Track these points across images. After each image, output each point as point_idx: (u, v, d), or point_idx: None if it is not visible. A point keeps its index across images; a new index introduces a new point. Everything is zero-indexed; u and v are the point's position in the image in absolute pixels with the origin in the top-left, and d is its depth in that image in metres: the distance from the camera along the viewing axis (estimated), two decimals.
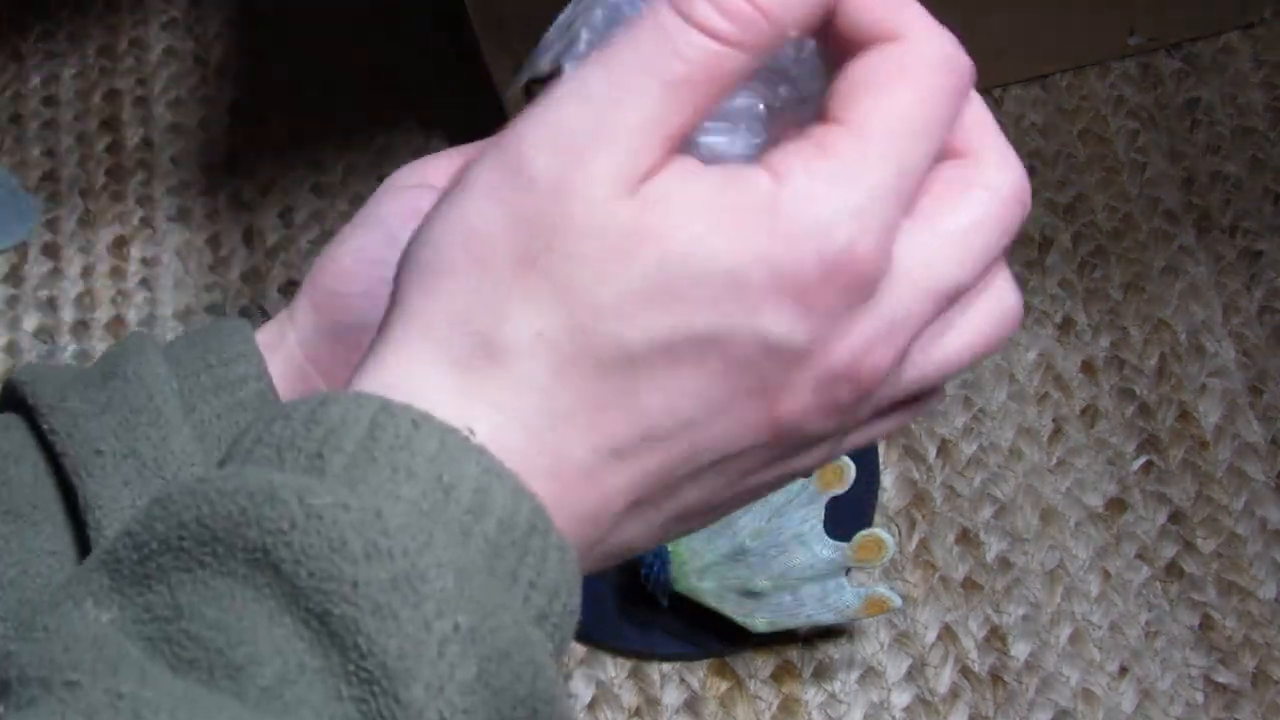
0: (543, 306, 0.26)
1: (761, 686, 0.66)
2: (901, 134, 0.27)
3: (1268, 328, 0.71)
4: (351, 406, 0.26)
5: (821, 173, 0.27)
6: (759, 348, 0.26)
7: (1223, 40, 0.79)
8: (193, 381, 0.35)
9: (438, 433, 0.26)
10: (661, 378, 0.27)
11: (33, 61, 0.91)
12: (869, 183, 0.27)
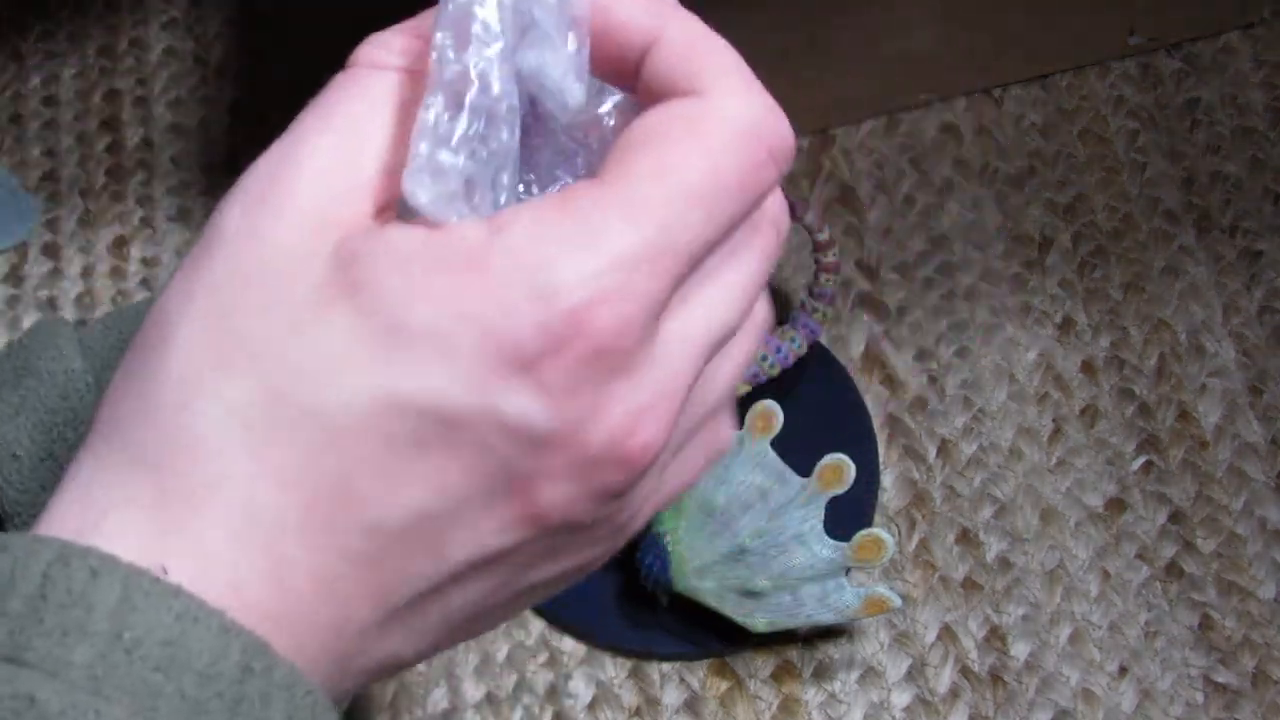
0: (233, 373, 0.23)
1: (761, 686, 0.66)
2: (670, 198, 0.23)
3: (1268, 328, 0.71)
4: (23, 556, 0.22)
5: (551, 230, 0.23)
6: (492, 428, 0.23)
7: (1223, 40, 0.79)
8: (109, 374, 0.32)
9: (120, 579, 0.22)
10: (377, 456, 0.23)
11: (33, 61, 0.91)
12: (613, 247, 0.22)
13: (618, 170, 0.23)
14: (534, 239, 0.23)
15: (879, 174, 0.78)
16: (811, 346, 0.69)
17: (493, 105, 0.24)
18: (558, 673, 0.67)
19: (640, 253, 0.23)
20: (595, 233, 0.23)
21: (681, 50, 0.24)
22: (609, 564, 0.73)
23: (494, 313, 0.22)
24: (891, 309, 0.74)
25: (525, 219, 0.23)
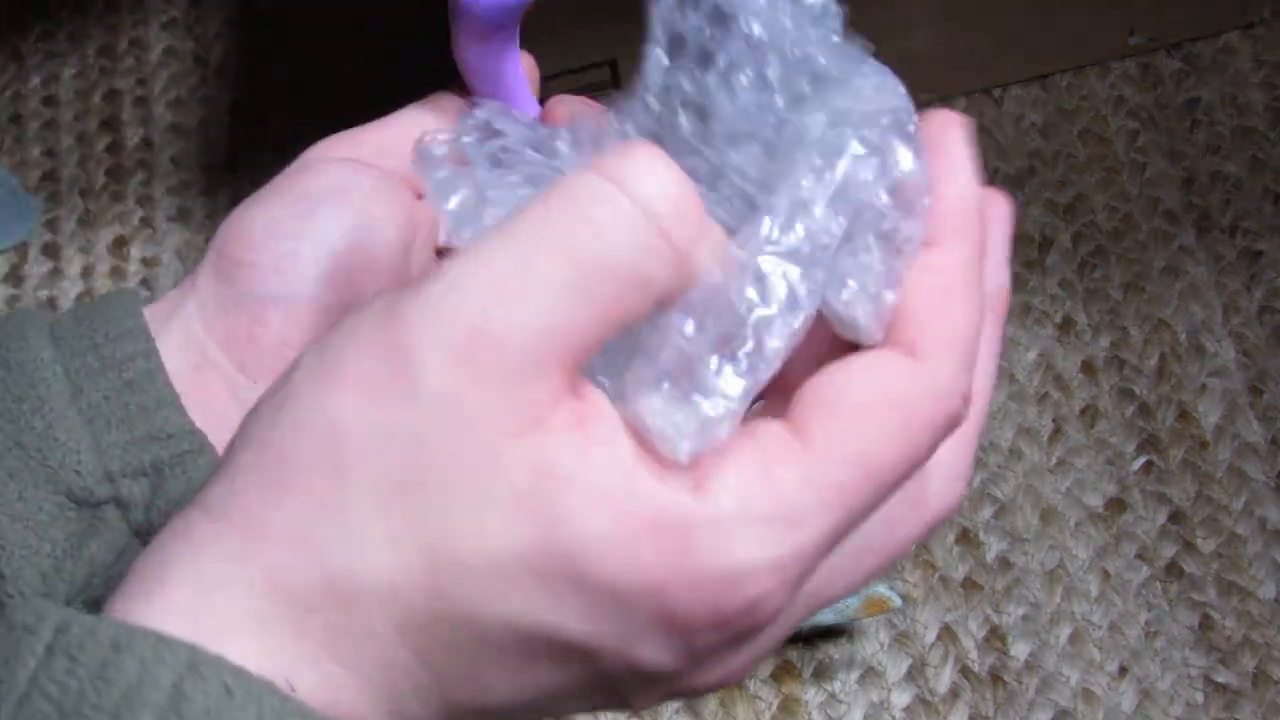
0: (403, 551, 0.22)
1: (761, 686, 0.66)
2: (863, 479, 0.23)
3: (1268, 328, 0.71)
4: (151, 661, 0.21)
5: (755, 507, 0.22)
6: (626, 669, 0.23)
7: (1223, 40, 0.79)
8: (79, 362, 0.33)
9: (254, 700, 0.21)
10: (513, 664, 0.23)
11: (33, 61, 0.91)
12: (803, 536, 0.23)
13: (819, 434, 0.23)
14: (737, 516, 0.22)
15: None
16: None
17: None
18: None
19: (828, 537, 0.23)
20: (792, 520, 0.23)
21: (918, 298, 0.24)
22: None
23: (680, 588, 0.22)
24: None
25: (730, 489, 0.22)
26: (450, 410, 0.22)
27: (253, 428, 0.24)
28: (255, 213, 0.35)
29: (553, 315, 0.22)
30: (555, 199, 0.22)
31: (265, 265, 0.34)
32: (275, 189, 0.36)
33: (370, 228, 0.35)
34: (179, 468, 0.33)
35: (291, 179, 0.36)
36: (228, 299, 0.34)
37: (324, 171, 0.36)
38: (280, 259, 0.34)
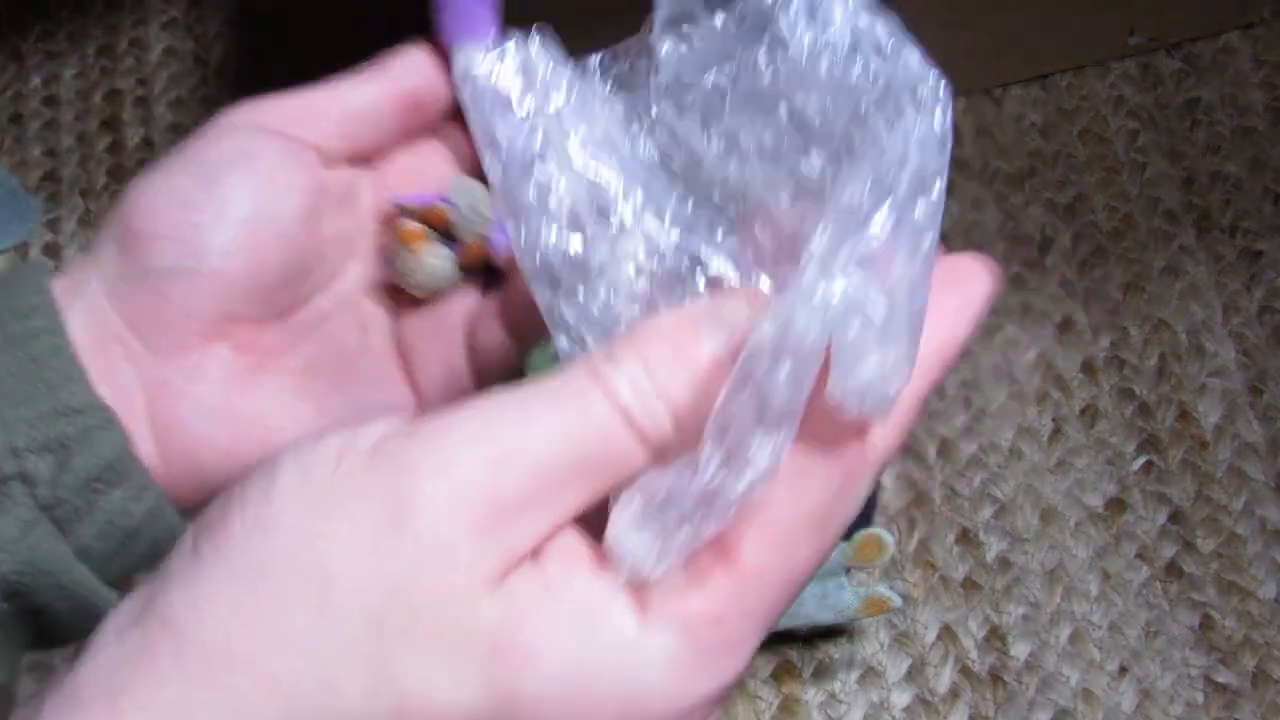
0: (378, 699, 0.24)
1: (761, 686, 0.66)
2: (788, 587, 0.25)
3: (1268, 328, 0.71)
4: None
5: (692, 644, 0.25)
6: None
7: (1223, 40, 0.79)
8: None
9: None
10: None
11: (33, 61, 0.91)
12: (740, 662, 0.25)
13: (753, 559, 0.25)
14: (679, 657, 0.24)
15: None
16: None
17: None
18: None
19: (752, 647, 0.25)
20: (728, 650, 0.25)
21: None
22: None
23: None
24: None
25: (674, 625, 0.24)
26: (443, 560, 0.23)
27: (225, 536, 0.24)
28: (156, 182, 0.34)
29: (543, 489, 0.24)
30: (557, 390, 0.25)
31: (167, 236, 0.34)
32: (179, 156, 0.35)
33: (274, 196, 0.35)
34: (85, 443, 0.33)
35: (195, 146, 0.35)
36: (131, 272, 0.34)
37: (227, 138, 0.35)
38: (182, 230, 0.34)
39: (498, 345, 0.36)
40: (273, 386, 0.35)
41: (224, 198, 0.34)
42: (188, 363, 0.34)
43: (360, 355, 0.37)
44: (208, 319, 0.34)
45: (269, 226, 0.35)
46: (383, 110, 0.38)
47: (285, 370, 0.36)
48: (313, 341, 0.37)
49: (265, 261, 0.34)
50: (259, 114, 0.37)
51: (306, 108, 0.37)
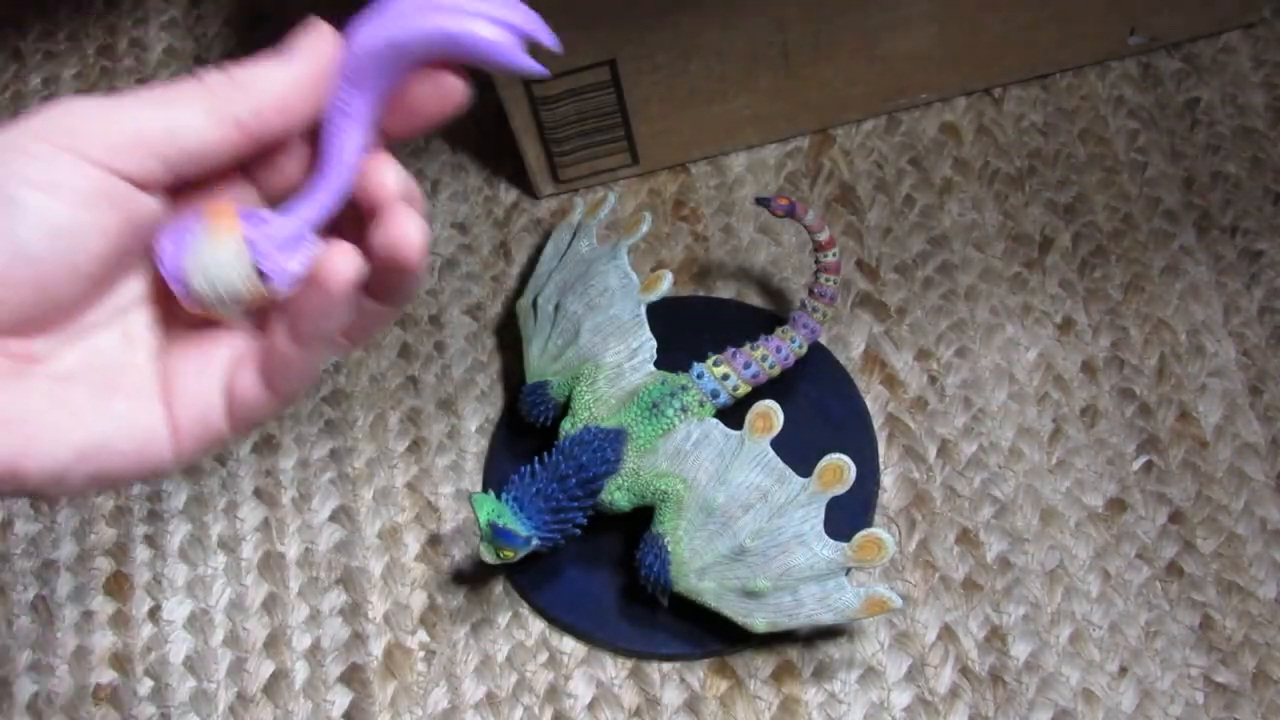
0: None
1: (761, 686, 0.66)
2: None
3: (1268, 328, 0.71)
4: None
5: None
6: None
7: (1223, 40, 0.79)
8: None
9: None
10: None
11: (33, 61, 0.91)
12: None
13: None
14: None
15: (879, 174, 0.78)
16: (811, 346, 0.69)
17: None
18: (558, 673, 0.67)
19: None
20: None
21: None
22: (609, 564, 0.73)
23: None
24: (891, 309, 0.74)
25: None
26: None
27: None
28: None
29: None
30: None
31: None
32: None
33: (76, 235, 0.33)
34: None
35: (9, 155, 0.33)
36: None
37: (34, 157, 0.33)
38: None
39: (254, 397, 0.37)
40: (34, 391, 0.35)
41: (17, 230, 0.33)
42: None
43: (122, 372, 0.37)
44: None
45: (63, 265, 0.34)
46: (211, 143, 0.35)
47: (46, 376, 0.35)
48: (77, 351, 0.36)
49: (47, 295, 0.34)
50: (76, 133, 0.34)
51: (133, 133, 0.34)
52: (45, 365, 0.35)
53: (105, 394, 0.36)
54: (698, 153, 0.79)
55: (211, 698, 0.69)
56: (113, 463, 0.36)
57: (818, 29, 0.72)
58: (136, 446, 0.36)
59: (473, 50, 0.35)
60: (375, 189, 0.37)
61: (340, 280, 0.35)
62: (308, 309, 0.35)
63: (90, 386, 0.36)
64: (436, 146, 0.83)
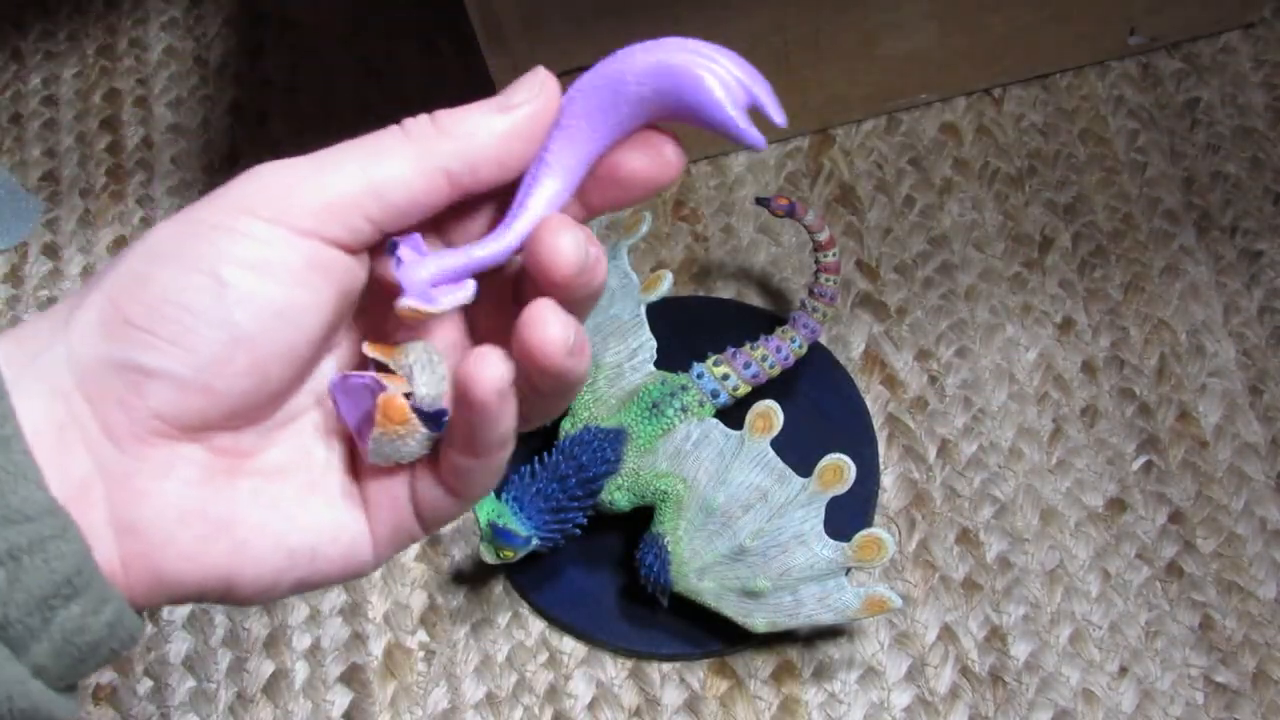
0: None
1: (761, 686, 0.66)
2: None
3: (1268, 328, 0.71)
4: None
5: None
6: None
7: (1223, 40, 0.79)
8: None
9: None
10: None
11: (33, 61, 0.91)
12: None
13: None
14: None
15: (879, 174, 0.78)
16: (811, 346, 0.69)
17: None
18: (558, 673, 0.67)
19: None
20: None
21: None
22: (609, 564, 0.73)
23: None
24: (891, 309, 0.74)
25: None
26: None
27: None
28: (160, 272, 0.31)
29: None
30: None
31: (164, 339, 0.30)
32: (188, 241, 0.31)
33: (290, 316, 0.31)
34: (39, 555, 0.29)
35: (209, 234, 0.31)
36: (109, 357, 0.31)
37: (248, 238, 0.31)
38: (178, 334, 0.30)
39: (442, 505, 0.35)
40: (244, 490, 0.33)
41: (231, 312, 0.31)
42: (156, 459, 0.31)
43: (324, 470, 0.35)
44: (185, 425, 0.31)
45: (281, 348, 0.32)
46: (419, 196, 0.32)
47: (257, 473, 0.33)
48: (283, 445, 0.34)
49: (269, 381, 0.32)
50: (281, 202, 0.31)
51: (344, 195, 0.31)
52: (253, 461, 0.33)
53: (310, 494, 0.34)
54: (698, 153, 0.79)
55: (211, 697, 0.69)
56: (319, 569, 0.34)
57: (818, 29, 0.72)
58: (342, 551, 0.34)
59: (695, 103, 0.32)
60: (544, 257, 0.31)
61: (487, 391, 0.31)
62: (468, 423, 0.32)
63: (296, 485, 0.34)
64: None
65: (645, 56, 0.32)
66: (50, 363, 0.31)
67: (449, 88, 0.85)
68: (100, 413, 0.31)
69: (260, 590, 0.33)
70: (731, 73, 0.32)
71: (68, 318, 0.31)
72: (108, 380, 0.31)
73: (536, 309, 0.31)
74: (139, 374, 0.31)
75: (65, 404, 0.31)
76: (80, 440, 0.31)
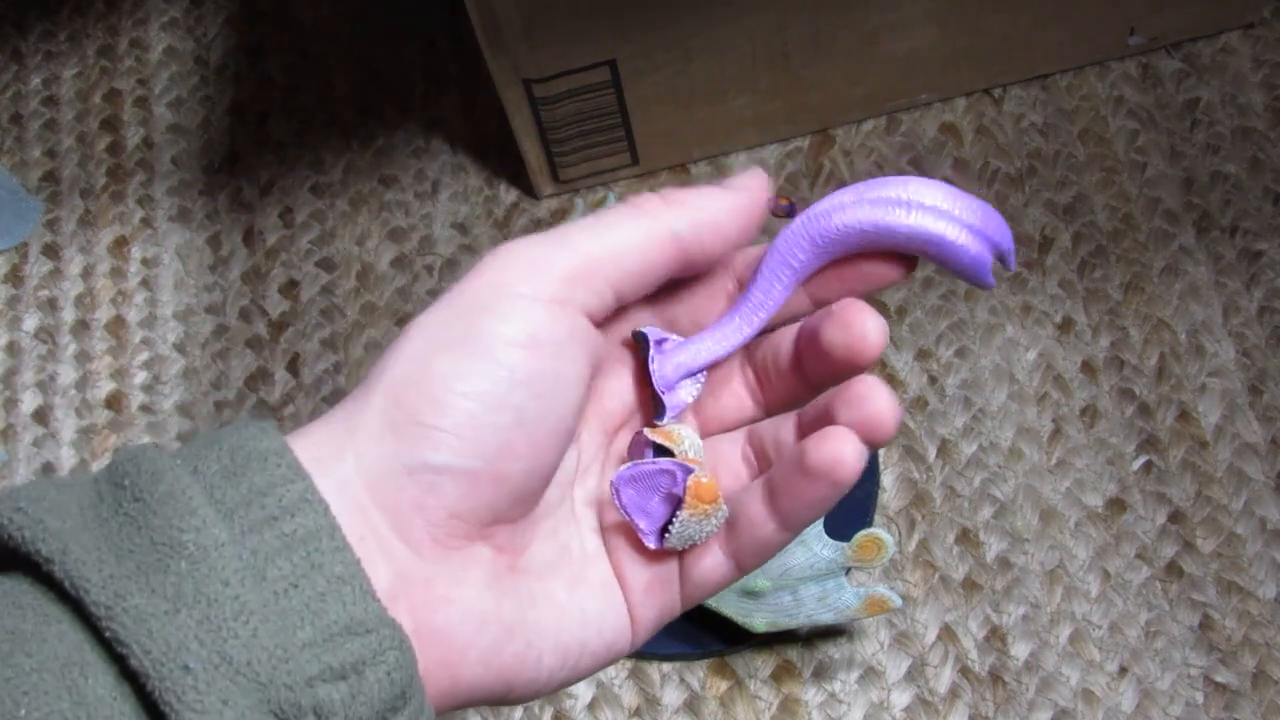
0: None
1: (761, 686, 0.66)
2: None
3: (1268, 328, 0.71)
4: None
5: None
6: None
7: (1223, 40, 0.79)
8: (255, 540, 0.29)
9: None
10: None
11: (33, 61, 0.91)
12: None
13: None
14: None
15: (879, 174, 0.78)
16: None
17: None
18: None
19: None
20: None
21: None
22: None
23: None
24: (891, 309, 0.74)
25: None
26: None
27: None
28: (439, 363, 0.31)
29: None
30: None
31: (446, 429, 0.30)
32: (458, 327, 0.31)
33: (560, 390, 0.31)
34: (379, 667, 0.29)
35: (478, 317, 0.31)
36: (399, 461, 0.30)
37: (510, 309, 0.31)
38: (462, 424, 0.30)
39: (721, 574, 0.35)
40: (524, 590, 0.32)
41: (508, 392, 0.31)
42: (453, 562, 0.31)
43: (585, 560, 0.34)
44: (478, 520, 0.31)
45: (553, 423, 0.31)
46: (651, 259, 0.33)
47: (529, 571, 0.33)
48: (544, 540, 0.34)
49: (544, 462, 0.32)
50: (532, 275, 0.32)
51: (583, 260, 0.32)
52: (524, 558, 0.33)
53: (577, 588, 0.34)
54: (698, 153, 0.79)
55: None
56: (583, 664, 0.33)
57: (818, 29, 0.72)
58: (607, 643, 0.34)
59: (947, 256, 0.33)
60: (846, 343, 0.33)
61: (849, 473, 0.31)
62: (807, 498, 0.32)
63: (564, 580, 0.33)
64: (437, 147, 0.83)
65: (894, 214, 0.33)
66: (341, 475, 0.30)
67: (449, 88, 0.85)
68: (396, 520, 0.30)
69: (533, 691, 0.32)
70: (978, 225, 0.33)
71: (351, 423, 0.31)
72: (402, 485, 0.30)
73: (867, 383, 0.32)
74: (433, 474, 0.30)
75: (362, 516, 0.30)
76: (379, 551, 0.30)
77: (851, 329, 0.32)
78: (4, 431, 0.79)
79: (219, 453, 0.30)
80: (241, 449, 0.30)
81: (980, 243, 0.33)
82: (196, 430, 0.77)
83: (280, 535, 0.29)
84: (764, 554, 0.34)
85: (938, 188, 0.33)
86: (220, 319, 0.80)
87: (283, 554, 0.28)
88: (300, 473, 0.29)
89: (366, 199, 0.82)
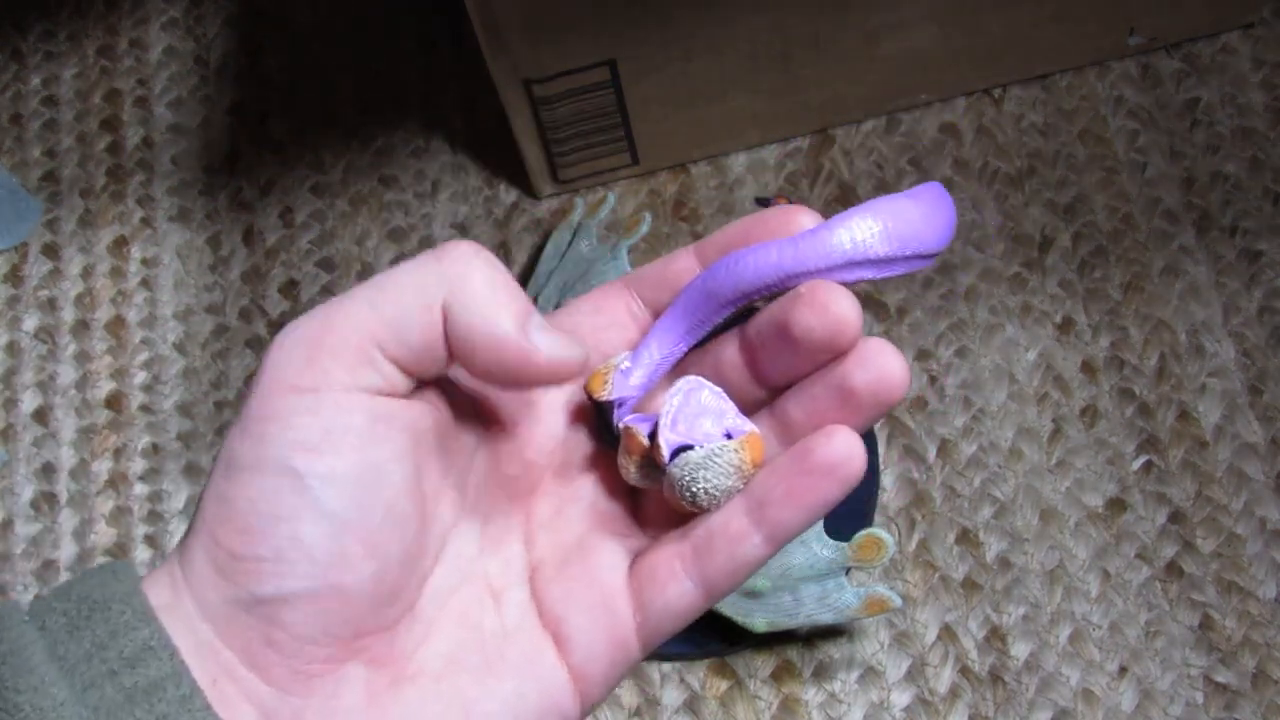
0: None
1: (761, 686, 0.66)
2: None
3: (1268, 328, 0.71)
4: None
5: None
6: None
7: (1223, 40, 0.79)
8: (96, 696, 0.27)
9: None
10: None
11: (33, 61, 0.91)
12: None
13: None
14: None
15: (879, 174, 0.78)
16: None
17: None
18: None
19: None
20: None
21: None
22: None
23: None
24: (891, 309, 0.74)
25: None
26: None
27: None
28: (238, 490, 0.29)
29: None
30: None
31: (266, 557, 0.28)
32: (249, 444, 0.29)
33: (375, 479, 0.29)
34: None
35: (264, 429, 0.29)
36: (233, 599, 0.29)
37: (300, 418, 0.29)
38: (282, 548, 0.28)
39: (688, 603, 0.31)
40: (413, 699, 0.30)
41: (318, 498, 0.28)
42: (320, 691, 0.29)
43: (499, 639, 0.32)
44: (338, 639, 0.29)
45: (383, 515, 0.29)
46: (438, 339, 0.30)
47: (423, 674, 0.31)
48: (444, 632, 0.32)
49: (387, 559, 0.29)
50: (318, 362, 0.29)
51: (361, 342, 0.29)
52: (415, 663, 0.31)
53: (489, 675, 0.31)
54: (698, 153, 0.79)
55: None
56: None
57: (818, 29, 0.72)
58: (539, 714, 0.31)
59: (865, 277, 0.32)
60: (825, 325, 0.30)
61: (855, 471, 0.30)
62: (807, 501, 0.30)
63: (472, 670, 0.31)
64: (436, 146, 0.83)
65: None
66: (183, 617, 0.29)
67: (449, 88, 0.85)
68: (249, 658, 0.29)
69: None
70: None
71: (186, 568, 0.29)
72: (244, 623, 0.29)
73: (875, 344, 0.30)
74: (267, 606, 0.29)
75: (214, 658, 0.29)
76: (238, 693, 0.29)
77: (829, 309, 0.29)
78: (4, 431, 0.79)
79: (66, 604, 0.28)
80: (88, 598, 0.28)
81: (888, 267, 0.31)
82: (196, 430, 0.77)
83: (122, 689, 0.27)
84: (740, 576, 0.31)
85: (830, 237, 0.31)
86: (220, 319, 0.80)
87: (125, 708, 0.27)
88: (147, 618, 0.28)
89: (366, 199, 0.82)
